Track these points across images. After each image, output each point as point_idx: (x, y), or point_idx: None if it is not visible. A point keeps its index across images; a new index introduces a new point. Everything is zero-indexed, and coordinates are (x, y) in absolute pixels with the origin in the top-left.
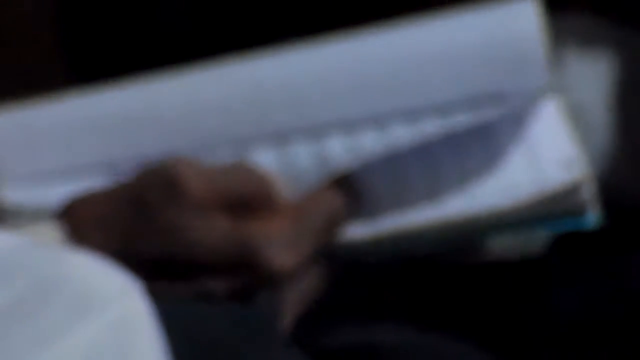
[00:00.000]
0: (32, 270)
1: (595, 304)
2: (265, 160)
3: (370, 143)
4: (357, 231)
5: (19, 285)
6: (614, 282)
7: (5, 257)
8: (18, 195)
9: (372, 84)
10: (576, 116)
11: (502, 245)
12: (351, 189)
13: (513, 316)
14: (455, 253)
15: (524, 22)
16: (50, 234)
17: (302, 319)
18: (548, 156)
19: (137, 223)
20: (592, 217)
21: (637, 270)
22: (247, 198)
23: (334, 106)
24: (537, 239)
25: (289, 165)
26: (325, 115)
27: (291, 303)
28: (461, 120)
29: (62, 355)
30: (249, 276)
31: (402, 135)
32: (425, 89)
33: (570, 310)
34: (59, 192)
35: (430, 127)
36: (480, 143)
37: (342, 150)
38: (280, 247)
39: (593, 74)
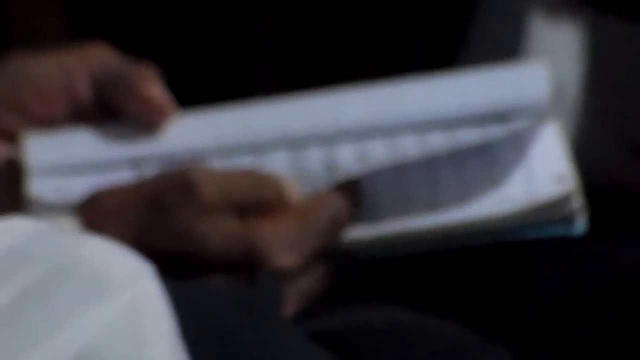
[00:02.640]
0: (49, 253)
1: (580, 284)
2: (280, 163)
3: (378, 152)
4: (359, 233)
5: (37, 268)
6: (597, 263)
7: (25, 241)
8: (42, 187)
9: (383, 98)
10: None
11: None
12: (356, 193)
13: (503, 297)
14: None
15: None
16: (69, 225)
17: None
18: (543, 172)
19: (152, 221)
20: (580, 225)
21: (616, 252)
22: (258, 201)
23: (347, 117)
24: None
25: (302, 169)
26: (338, 125)
27: (292, 300)
28: (466, 136)
29: (78, 334)
30: (253, 275)
31: (409, 147)
32: (434, 106)
33: (556, 290)
34: (82, 186)
35: (436, 141)
36: (481, 158)
37: (351, 158)
38: (284, 247)
39: (567, 52)
